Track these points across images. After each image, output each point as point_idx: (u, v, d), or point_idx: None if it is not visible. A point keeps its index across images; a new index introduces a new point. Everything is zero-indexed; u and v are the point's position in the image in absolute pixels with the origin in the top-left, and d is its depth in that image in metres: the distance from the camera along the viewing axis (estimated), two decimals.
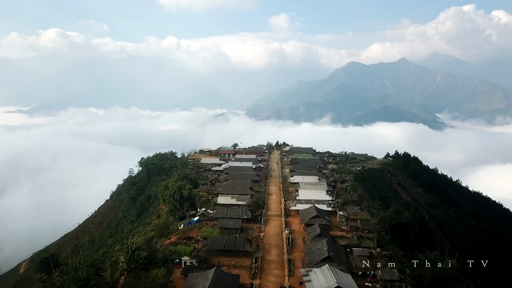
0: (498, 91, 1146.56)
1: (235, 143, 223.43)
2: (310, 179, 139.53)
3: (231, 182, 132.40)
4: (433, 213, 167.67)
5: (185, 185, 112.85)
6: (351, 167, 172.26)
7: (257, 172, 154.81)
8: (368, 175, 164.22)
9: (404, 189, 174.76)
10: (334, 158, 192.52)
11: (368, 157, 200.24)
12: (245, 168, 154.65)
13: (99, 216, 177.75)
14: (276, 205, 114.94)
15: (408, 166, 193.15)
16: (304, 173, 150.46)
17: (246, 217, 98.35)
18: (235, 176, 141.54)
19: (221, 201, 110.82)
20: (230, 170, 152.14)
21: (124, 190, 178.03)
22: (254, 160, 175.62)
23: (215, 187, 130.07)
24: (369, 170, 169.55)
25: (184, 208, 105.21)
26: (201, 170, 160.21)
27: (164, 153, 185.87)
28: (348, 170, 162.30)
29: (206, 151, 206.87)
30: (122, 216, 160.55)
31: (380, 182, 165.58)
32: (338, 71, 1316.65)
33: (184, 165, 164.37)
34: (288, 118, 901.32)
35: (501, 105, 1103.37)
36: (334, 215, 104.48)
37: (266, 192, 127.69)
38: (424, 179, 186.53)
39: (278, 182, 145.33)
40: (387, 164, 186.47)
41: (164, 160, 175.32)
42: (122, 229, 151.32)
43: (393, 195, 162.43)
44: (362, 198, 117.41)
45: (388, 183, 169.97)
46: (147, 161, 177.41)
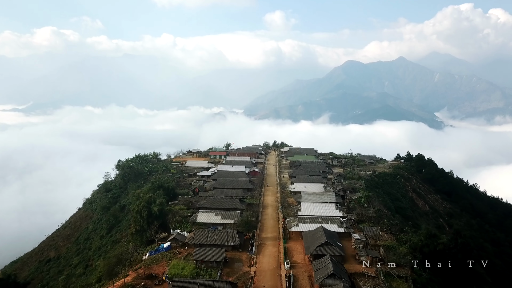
0: (497, 90, 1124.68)
1: (228, 143, 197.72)
2: (314, 188, 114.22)
3: (218, 192, 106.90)
4: (455, 225, 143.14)
5: (157, 198, 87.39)
6: (360, 171, 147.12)
7: (251, 177, 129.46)
8: (380, 181, 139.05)
9: (420, 196, 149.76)
10: (339, 161, 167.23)
11: (377, 159, 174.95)
12: (237, 173, 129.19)
13: (68, 227, 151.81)
14: (273, 223, 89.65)
15: (422, 170, 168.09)
16: (306, 179, 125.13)
17: (233, 243, 72.98)
18: (224, 184, 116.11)
19: (202, 219, 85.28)
20: (219, 176, 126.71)
21: (98, 197, 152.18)
22: (248, 163, 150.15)
23: (197, 198, 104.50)
24: (380, 175, 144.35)
25: (152, 229, 79.67)
26: (185, 176, 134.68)
27: (144, 154, 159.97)
28: (357, 175, 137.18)
29: (195, 152, 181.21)
30: (92, 229, 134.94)
31: (394, 189, 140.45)
32: (336, 70, 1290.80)
33: (165, 169, 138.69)
34: (286, 117, 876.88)
35: (500, 104, 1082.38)
36: (348, 238, 79.29)
37: (260, 205, 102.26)
38: (441, 185, 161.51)
39: (275, 190, 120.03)
40: (399, 167, 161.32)
41: (144, 163, 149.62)
42: (91, 245, 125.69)
43: (409, 204, 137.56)
44: (380, 214, 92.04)
45: (403, 190, 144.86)
46: (125, 164, 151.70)
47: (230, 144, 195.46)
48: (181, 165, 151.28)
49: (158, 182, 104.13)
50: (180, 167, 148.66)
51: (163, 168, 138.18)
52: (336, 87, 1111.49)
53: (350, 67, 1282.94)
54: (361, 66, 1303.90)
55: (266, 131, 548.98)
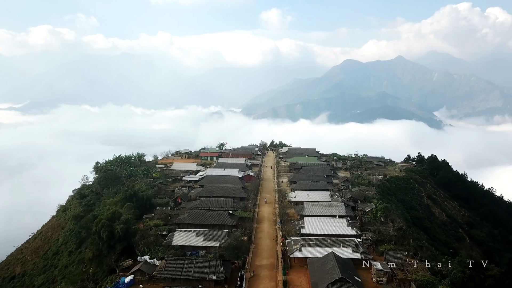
0: (496, 90, 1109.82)
1: (221, 142, 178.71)
2: (319, 196, 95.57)
3: (204, 202, 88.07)
4: (476, 236, 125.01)
5: (123, 212, 68.56)
6: (369, 175, 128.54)
7: (245, 183, 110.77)
8: (392, 187, 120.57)
9: (436, 203, 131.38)
10: (344, 163, 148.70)
11: (386, 161, 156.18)
12: (228, 178, 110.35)
13: (39, 238, 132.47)
14: (269, 244, 70.94)
15: (436, 173, 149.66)
16: (308, 185, 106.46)
17: (216, 278, 54.28)
18: (212, 191, 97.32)
19: (179, 241, 66.41)
20: (207, 182, 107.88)
21: (73, 204, 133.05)
22: (242, 165, 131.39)
23: (179, 210, 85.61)
24: (392, 180, 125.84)
25: (114, 255, 60.85)
26: (168, 181, 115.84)
27: (126, 156, 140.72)
28: (366, 180, 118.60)
29: (184, 153, 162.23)
30: (62, 242, 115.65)
31: (408, 196, 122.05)
32: (334, 69, 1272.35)
33: (146, 173, 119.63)
34: (285, 116, 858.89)
35: (499, 104, 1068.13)
36: (367, 269, 60.63)
37: (254, 219, 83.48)
38: (458, 190, 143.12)
39: (272, 199, 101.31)
40: (411, 170, 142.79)
41: (124, 165, 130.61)
42: (58, 262, 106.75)
43: (426, 214, 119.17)
44: (404, 232, 73.26)
45: (417, 197, 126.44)
46: (103, 166, 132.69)
47: (223, 144, 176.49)
48: (166, 168, 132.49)
49: (131, 190, 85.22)
50: (165, 170, 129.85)
51: (143, 172, 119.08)
52: (334, 86, 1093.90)
53: (348, 66, 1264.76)
54: (360, 65, 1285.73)
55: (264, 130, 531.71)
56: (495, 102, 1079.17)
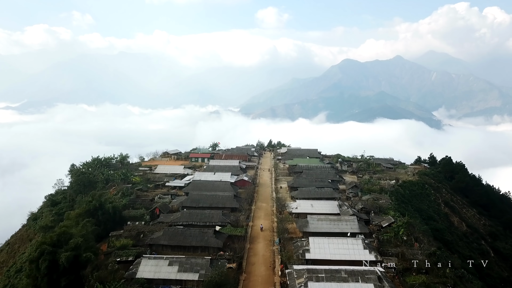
0: (494, 89, 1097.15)
1: (214, 142, 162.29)
2: (325, 207, 79.45)
3: (187, 215, 71.75)
4: (501, 249, 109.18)
5: (78, 233, 52.34)
6: (379, 179, 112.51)
7: (238, 189, 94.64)
8: (407, 194, 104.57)
9: (454, 211, 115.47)
10: (349, 165, 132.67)
11: (395, 163, 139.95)
12: (218, 184, 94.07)
13: (5, 251, 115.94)
14: (265, 273, 54.81)
15: (452, 176, 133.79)
16: (312, 193, 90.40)
17: None
18: (198, 201, 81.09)
19: (145, 273, 50.10)
20: (193, 189, 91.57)
21: (44, 212, 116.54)
22: (236, 168, 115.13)
23: (154, 225, 69.22)
24: (406, 185, 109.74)
25: None
26: (149, 187, 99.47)
27: (106, 157, 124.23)
28: (377, 185, 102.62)
29: (172, 154, 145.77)
30: (27, 258, 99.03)
31: (425, 204, 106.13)
32: (333, 69, 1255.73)
33: (124, 177, 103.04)
34: (283, 115, 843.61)
35: (498, 103, 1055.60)
36: None
37: (247, 238, 67.24)
38: (476, 195, 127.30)
39: (269, 209, 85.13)
40: (424, 173, 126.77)
41: (101, 168, 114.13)
42: (19, 283, 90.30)
43: (445, 224, 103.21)
44: (438, 257, 57.02)
45: (435, 205, 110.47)
46: (79, 169, 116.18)
47: (216, 144, 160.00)
48: (150, 171, 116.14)
49: (96, 201, 68.88)
50: (148, 173, 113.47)
51: (122, 176, 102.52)
52: (333, 86, 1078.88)
53: (347, 65, 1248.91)
54: (358, 65, 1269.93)
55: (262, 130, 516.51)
56: (493, 102, 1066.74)
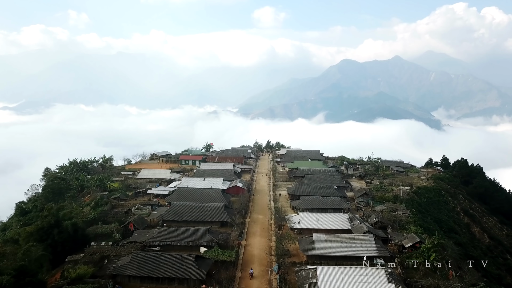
0: (493, 90, 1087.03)
1: (207, 143, 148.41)
2: (333, 220, 65.83)
3: (167, 233, 57.98)
4: None
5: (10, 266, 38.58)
6: (390, 185, 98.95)
7: (230, 198, 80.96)
8: (423, 202, 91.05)
9: (475, 220, 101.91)
10: (355, 168, 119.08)
11: (406, 166, 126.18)
12: (208, 193, 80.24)
13: None
14: None
15: (468, 181, 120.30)
16: (316, 202, 76.66)
17: None
18: (182, 213, 67.39)
19: None
20: (178, 197, 77.78)
21: (14, 222, 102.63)
22: (229, 173, 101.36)
23: (122, 248, 55.28)
24: (421, 192, 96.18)
25: None
26: (129, 195, 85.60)
27: (85, 160, 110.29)
28: (390, 192, 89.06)
29: (161, 156, 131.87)
30: None
31: (444, 214, 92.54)
32: (331, 69, 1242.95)
33: (100, 184, 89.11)
34: (281, 115, 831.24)
35: (496, 104, 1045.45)
36: None
37: (238, 264, 53.49)
38: (497, 202, 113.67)
39: (267, 223, 71.36)
40: (439, 178, 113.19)
41: (78, 172, 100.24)
42: None
43: (467, 237, 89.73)
44: None
45: (454, 214, 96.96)
46: (53, 174, 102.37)
47: (209, 145, 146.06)
48: (132, 176, 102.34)
49: (52, 217, 55.06)
50: (131, 178, 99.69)
51: (98, 182, 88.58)
52: (332, 86, 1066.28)
53: (345, 66, 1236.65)
54: (357, 65, 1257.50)
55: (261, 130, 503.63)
56: (492, 102, 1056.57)
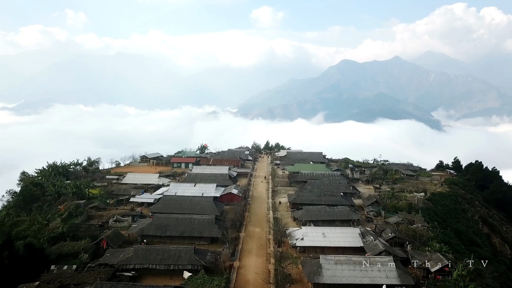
0: (493, 90, 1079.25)
1: (202, 144, 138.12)
2: (342, 237, 55.67)
3: (142, 253, 47.69)
4: None
5: None
6: (402, 191, 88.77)
7: (223, 206, 70.78)
8: (440, 211, 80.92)
9: (494, 230, 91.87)
10: (361, 171, 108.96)
11: (415, 169, 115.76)
12: (197, 201, 69.93)
13: None
14: None
15: (484, 185, 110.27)
16: (321, 213, 66.42)
17: None
18: (165, 227, 57.21)
19: None
20: (163, 207, 67.57)
21: None
22: (224, 177, 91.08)
23: (86, 275, 44.98)
24: (436, 199, 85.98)
25: None
26: (108, 203, 75.26)
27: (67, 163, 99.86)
28: (403, 199, 78.91)
29: (151, 159, 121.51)
30: None
31: (462, 223, 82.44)
32: (331, 69, 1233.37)
33: (77, 190, 78.75)
34: (281, 116, 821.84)
35: (496, 104, 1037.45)
36: None
37: None
38: None
39: (264, 238, 61.10)
40: (453, 182, 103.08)
41: (57, 177, 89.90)
42: None
43: (489, 250, 79.59)
44: None
45: (472, 223, 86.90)
46: (29, 179, 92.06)
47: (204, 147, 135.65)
48: (117, 181, 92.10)
49: (3, 235, 44.93)
50: (114, 184, 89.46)
51: (73, 190, 78.23)
52: (331, 87, 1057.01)
53: (345, 66, 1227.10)
54: (356, 66, 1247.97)
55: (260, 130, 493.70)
56: (492, 102, 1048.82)
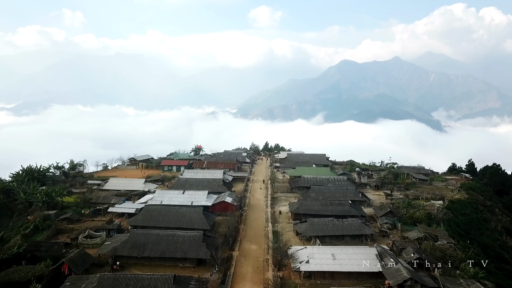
0: (493, 90, 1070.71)
1: (196, 146, 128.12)
2: (355, 259, 45.62)
3: (110, 284, 37.90)
4: None
5: None
6: (417, 198, 78.88)
7: (215, 218, 60.81)
8: (461, 221, 71.02)
9: None
10: (369, 175, 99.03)
11: (427, 173, 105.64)
12: (184, 212, 59.93)
13: None
14: None
15: (503, 190, 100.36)
16: (329, 228, 56.38)
17: None
18: (143, 246, 47.24)
19: None
20: (144, 219, 57.67)
21: None
22: (217, 183, 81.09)
23: None
24: (456, 207, 76.06)
25: None
26: (83, 213, 65.28)
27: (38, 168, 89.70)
28: (422, 209, 68.99)
29: (140, 161, 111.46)
30: None
31: (486, 235, 72.53)
32: (331, 69, 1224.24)
33: (48, 199, 68.87)
34: (280, 116, 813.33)
35: (496, 104, 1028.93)
36: None
37: None
38: None
39: (262, 257, 51.11)
40: (470, 187, 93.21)
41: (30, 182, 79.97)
42: None
43: None
44: None
45: (496, 234, 76.96)
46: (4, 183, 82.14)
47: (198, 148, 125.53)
48: (97, 187, 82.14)
49: None
50: (95, 190, 79.48)
51: (43, 198, 68.28)
52: (331, 87, 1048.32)
53: (344, 66, 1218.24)
54: (356, 66, 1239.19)
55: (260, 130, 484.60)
56: (492, 103, 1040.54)
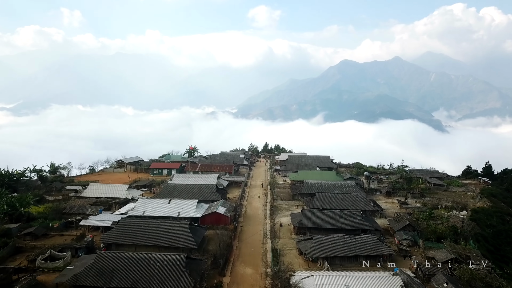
0: (494, 91, 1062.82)
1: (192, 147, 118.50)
2: None
3: None
4: None
5: None
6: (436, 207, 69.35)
7: (204, 233, 51.24)
8: (489, 234, 61.56)
9: None
10: (378, 180, 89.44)
11: (442, 177, 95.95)
12: (167, 228, 50.35)
13: None
14: None
15: None
16: (339, 246, 46.72)
17: None
18: (112, 272, 37.60)
19: None
20: (119, 235, 48.14)
21: None
22: (210, 189, 71.44)
23: None
24: (481, 218, 66.60)
25: None
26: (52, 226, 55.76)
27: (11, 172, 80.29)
28: (447, 222, 59.48)
29: (129, 164, 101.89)
30: None
31: None
32: (331, 70, 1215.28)
33: (10, 210, 59.26)
34: (281, 116, 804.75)
35: (497, 105, 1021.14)
36: None
37: None
38: None
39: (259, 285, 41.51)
40: (490, 193, 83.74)
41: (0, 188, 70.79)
42: None
43: None
44: None
45: None
46: None
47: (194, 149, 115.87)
48: (76, 194, 72.60)
49: None
50: (72, 198, 69.94)
51: (5, 209, 58.62)
52: (331, 87, 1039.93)
53: (345, 66, 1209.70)
54: (357, 66, 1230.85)
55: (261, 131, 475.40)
56: (493, 103, 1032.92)
